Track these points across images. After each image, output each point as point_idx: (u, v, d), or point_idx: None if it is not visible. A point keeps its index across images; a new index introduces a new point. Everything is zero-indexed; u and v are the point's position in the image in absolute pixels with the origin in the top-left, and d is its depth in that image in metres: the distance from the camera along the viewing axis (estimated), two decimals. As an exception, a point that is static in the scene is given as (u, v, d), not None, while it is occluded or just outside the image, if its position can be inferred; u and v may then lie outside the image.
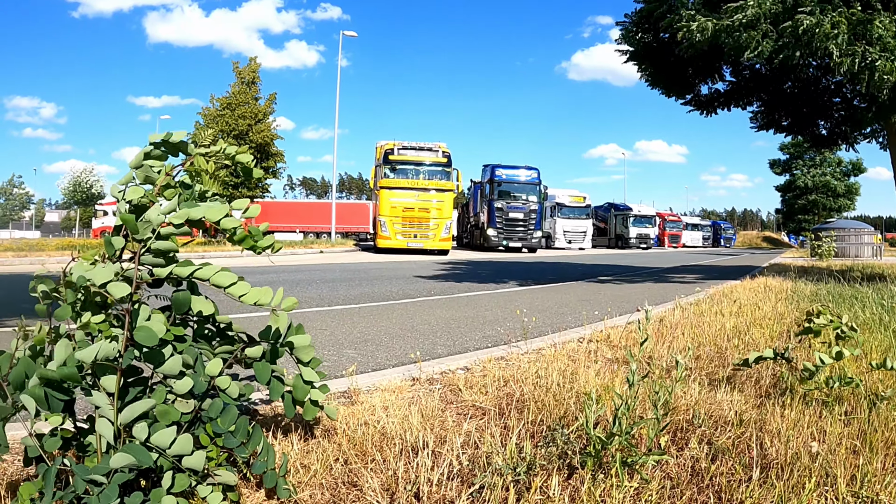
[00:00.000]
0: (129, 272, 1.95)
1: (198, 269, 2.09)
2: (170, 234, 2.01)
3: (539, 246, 37.97)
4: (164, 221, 2.00)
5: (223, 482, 1.94)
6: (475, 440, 2.59)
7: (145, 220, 1.98)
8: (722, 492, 2.17)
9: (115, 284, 1.86)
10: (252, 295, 2.12)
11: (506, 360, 4.29)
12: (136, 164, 2.18)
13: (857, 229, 33.56)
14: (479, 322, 6.90)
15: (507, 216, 35.85)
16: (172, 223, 2.01)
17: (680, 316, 6.21)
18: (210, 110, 34.83)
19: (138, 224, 1.96)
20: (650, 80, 13.67)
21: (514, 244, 35.84)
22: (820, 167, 66.42)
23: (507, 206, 36.01)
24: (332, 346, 5.26)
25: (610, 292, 11.13)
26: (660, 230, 66.58)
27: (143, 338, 1.84)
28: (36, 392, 1.80)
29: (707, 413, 2.90)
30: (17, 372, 1.86)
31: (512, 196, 36.65)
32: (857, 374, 3.54)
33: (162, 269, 2.04)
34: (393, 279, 12.92)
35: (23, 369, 1.86)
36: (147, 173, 2.17)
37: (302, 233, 57.11)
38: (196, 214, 2.03)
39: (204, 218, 2.04)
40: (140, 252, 1.97)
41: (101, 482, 1.75)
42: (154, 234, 1.98)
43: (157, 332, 1.87)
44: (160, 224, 1.99)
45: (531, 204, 36.53)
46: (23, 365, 1.87)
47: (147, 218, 1.98)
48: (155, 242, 1.99)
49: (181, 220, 2.02)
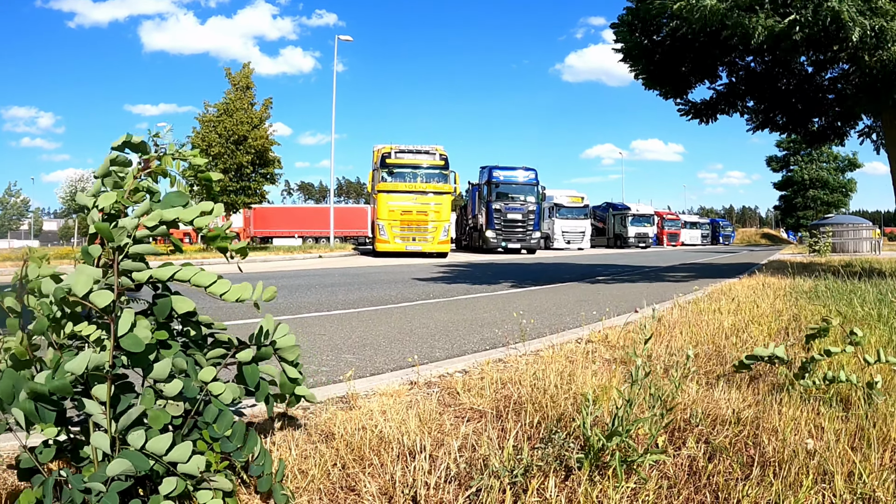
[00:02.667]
0: (110, 280, 1.95)
1: (178, 270, 2.08)
2: (145, 237, 2.00)
3: (538, 247, 37.68)
4: (138, 224, 2.00)
5: (220, 488, 1.94)
6: (472, 443, 2.59)
7: (120, 226, 1.97)
8: (719, 490, 2.17)
9: (97, 294, 1.83)
10: (233, 292, 2.12)
11: (504, 363, 4.29)
12: (102, 172, 2.19)
13: (856, 224, 33.55)
14: (478, 324, 6.90)
15: (506, 217, 35.46)
16: (146, 226, 2.01)
17: (678, 315, 6.21)
18: (207, 116, 34.79)
19: (113, 231, 1.95)
20: (645, 80, 13.67)
21: (513, 245, 35.46)
22: (817, 162, 66.46)
23: (506, 207, 35.65)
24: (331, 350, 5.25)
25: (608, 292, 11.13)
26: (658, 229, 66.53)
27: (129, 344, 1.84)
28: (26, 406, 1.79)
29: (704, 412, 2.90)
30: (3, 385, 1.84)
31: (510, 197, 36.29)
32: (855, 370, 3.55)
33: (142, 274, 2.03)
34: (391, 283, 12.92)
35: (10, 382, 1.85)
36: (115, 180, 2.18)
37: (300, 238, 57.00)
38: (169, 216, 2.04)
39: (177, 218, 2.05)
40: (118, 259, 1.96)
41: (100, 490, 1.75)
42: (131, 239, 1.98)
43: (143, 338, 1.88)
44: (135, 228, 1.99)
45: (529, 205, 36.15)
46: (9, 377, 1.85)
47: (122, 224, 1.98)
48: (133, 247, 1.98)
49: (155, 222, 2.02)
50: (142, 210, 2.05)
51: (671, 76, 13.55)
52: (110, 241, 1.95)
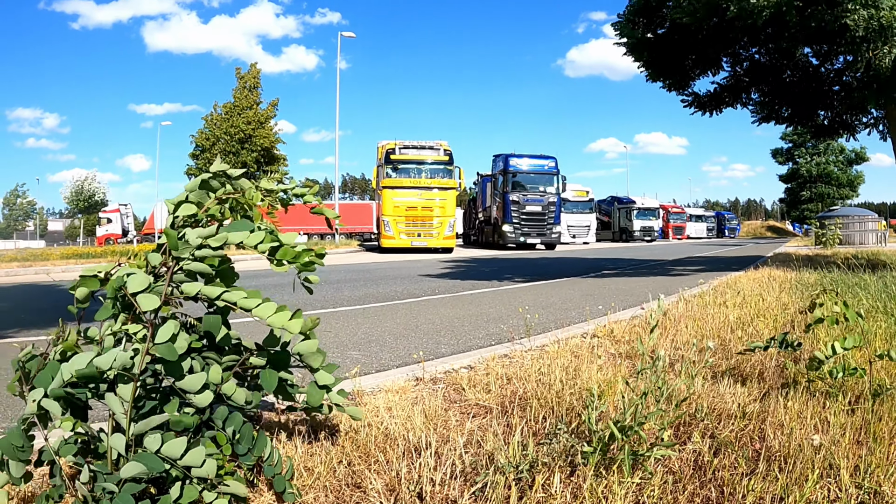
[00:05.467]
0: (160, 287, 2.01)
1: (226, 291, 2.14)
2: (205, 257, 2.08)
3: (558, 242, 34.87)
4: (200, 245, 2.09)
5: (233, 492, 1.94)
6: (478, 439, 2.60)
7: (185, 240, 2.07)
8: (724, 485, 2.16)
9: (145, 296, 1.93)
10: (278, 319, 2.16)
11: (509, 358, 4.29)
12: (192, 187, 2.32)
13: (862, 216, 33.50)
14: (483, 320, 6.90)
15: (524, 210, 32.84)
16: (210, 245, 2.09)
17: (684, 308, 6.20)
18: (215, 116, 34.88)
19: (179, 243, 2.05)
20: (649, 72, 13.63)
21: (532, 240, 33.15)
22: (823, 155, 66.15)
23: (524, 198, 32.99)
24: (337, 347, 5.26)
25: (614, 286, 11.12)
26: (664, 222, 66.48)
27: (163, 352, 1.88)
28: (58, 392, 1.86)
29: (710, 406, 2.90)
30: (43, 374, 1.94)
31: (528, 188, 33.66)
32: (862, 363, 3.53)
33: (191, 286, 2.11)
34: (397, 279, 12.93)
35: (50, 373, 1.93)
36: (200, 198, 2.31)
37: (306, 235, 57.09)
38: (234, 239, 2.15)
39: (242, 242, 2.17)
40: (173, 269, 2.05)
41: (112, 490, 1.76)
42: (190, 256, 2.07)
43: (179, 348, 1.92)
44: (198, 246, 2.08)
45: (550, 196, 33.59)
46: (50, 369, 1.94)
47: (187, 238, 2.07)
48: (189, 264, 2.07)
49: (219, 243, 2.11)
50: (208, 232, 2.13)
51: (675, 69, 13.51)
52: (174, 250, 2.04)
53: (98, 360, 1.81)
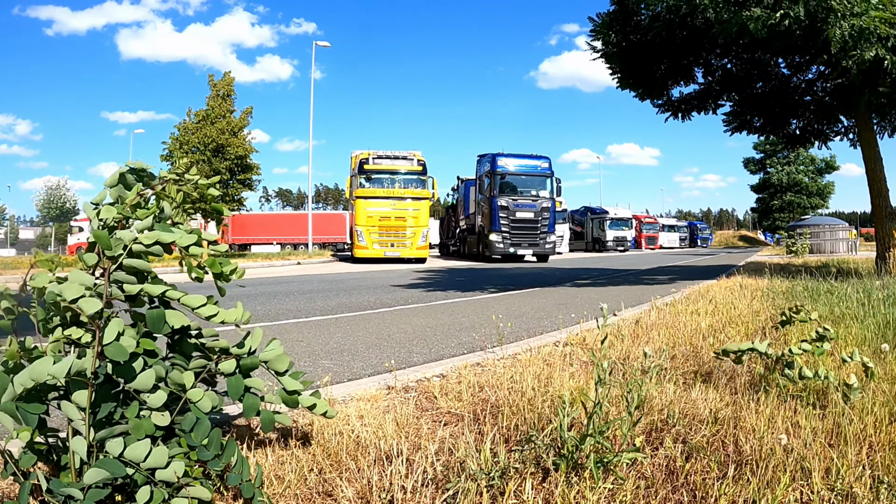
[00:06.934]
0: (101, 288, 1.97)
1: (168, 289, 2.12)
2: (140, 252, 2.06)
3: (552, 252, 31.11)
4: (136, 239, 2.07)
5: (197, 496, 1.91)
6: (450, 447, 2.57)
7: (117, 237, 2.04)
8: (697, 489, 2.16)
9: (86, 300, 1.88)
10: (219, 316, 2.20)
11: (481, 366, 4.27)
12: (111, 182, 2.29)
13: (832, 225, 33.97)
14: (456, 329, 6.88)
15: (514, 216, 28.99)
16: (143, 242, 2.07)
17: (656, 317, 6.22)
18: (187, 124, 34.61)
19: (111, 240, 2.01)
20: (621, 80, 13.70)
21: (523, 251, 29.55)
22: (793, 164, 67.02)
23: (514, 204, 29.05)
24: (309, 356, 5.21)
25: (587, 295, 11.15)
26: (636, 232, 66.99)
27: (113, 353, 1.85)
28: (8, 407, 1.81)
29: (682, 412, 2.90)
30: None
31: (519, 191, 29.73)
32: (832, 367, 3.56)
33: (133, 287, 2.07)
34: (370, 289, 12.87)
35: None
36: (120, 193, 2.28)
37: (279, 244, 56.84)
38: (166, 238, 2.11)
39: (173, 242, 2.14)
40: (111, 269, 2.01)
41: (77, 497, 1.73)
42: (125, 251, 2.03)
43: (128, 346, 1.89)
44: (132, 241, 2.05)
45: (543, 201, 29.67)
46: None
47: (119, 236, 2.04)
48: (126, 260, 2.03)
49: (151, 241, 2.08)
50: (142, 226, 2.14)
51: (647, 77, 13.60)
52: (107, 250, 2.01)
53: (53, 368, 1.76)
